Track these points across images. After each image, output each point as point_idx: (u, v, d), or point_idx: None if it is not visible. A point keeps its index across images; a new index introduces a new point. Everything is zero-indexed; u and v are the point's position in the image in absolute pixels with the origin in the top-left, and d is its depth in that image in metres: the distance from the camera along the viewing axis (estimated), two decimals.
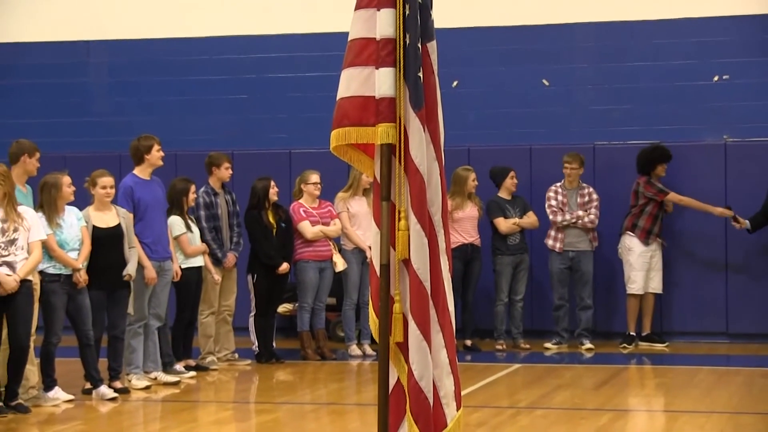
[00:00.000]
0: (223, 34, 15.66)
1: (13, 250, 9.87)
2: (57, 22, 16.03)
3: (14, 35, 16.14)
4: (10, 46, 16.15)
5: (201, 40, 15.73)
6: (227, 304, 12.81)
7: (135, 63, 15.91)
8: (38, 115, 15.71)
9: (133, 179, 11.56)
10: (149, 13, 15.84)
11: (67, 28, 16.02)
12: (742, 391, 11.17)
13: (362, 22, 5.07)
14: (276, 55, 15.51)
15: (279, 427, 9.89)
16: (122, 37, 15.94)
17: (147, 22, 15.84)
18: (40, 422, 9.89)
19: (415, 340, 4.98)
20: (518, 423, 9.61)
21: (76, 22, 16.01)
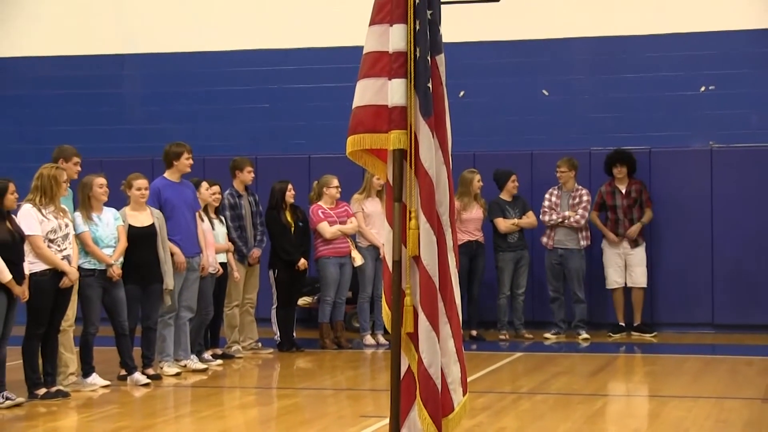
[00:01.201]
0: (246, 48, 15.67)
1: (66, 244, 10.03)
2: (94, 38, 16.05)
3: (56, 49, 16.17)
4: (53, 59, 16.18)
5: (226, 54, 15.75)
6: (250, 297, 12.84)
7: (166, 75, 15.93)
8: (78, 122, 15.74)
9: (162, 181, 11.60)
10: (179, 29, 15.86)
11: (103, 42, 16.04)
12: (726, 378, 11.14)
13: (376, 37, 5.07)
14: (295, 67, 15.52)
15: (299, 411, 9.89)
16: (154, 51, 15.97)
17: (177, 37, 15.86)
18: (79, 406, 9.91)
19: (424, 331, 4.98)
20: (520, 407, 9.61)
21: (112, 38, 16.04)
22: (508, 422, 8.85)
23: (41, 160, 10.58)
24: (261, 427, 9.36)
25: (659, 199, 14.00)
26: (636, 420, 9.54)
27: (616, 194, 13.85)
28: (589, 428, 8.66)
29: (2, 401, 9.59)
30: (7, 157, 14.47)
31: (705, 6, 14.49)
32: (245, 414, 9.91)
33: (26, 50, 16.27)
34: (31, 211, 9.91)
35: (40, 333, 9.99)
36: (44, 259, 9.85)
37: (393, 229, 5.06)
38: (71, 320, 10.54)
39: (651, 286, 14.01)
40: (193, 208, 11.70)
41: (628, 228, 13.79)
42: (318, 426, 8.95)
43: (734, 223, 14.06)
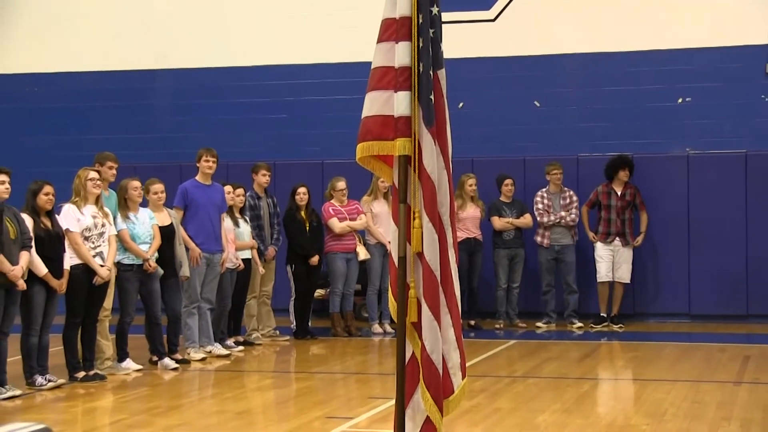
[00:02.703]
0: (266, 64, 15.68)
1: (101, 242, 10.05)
2: (129, 55, 16.08)
3: (94, 65, 16.20)
4: (92, 74, 16.20)
5: (247, 69, 15.75)
6: (266, 290, 12.85)
7: (193, 88, 15.94)
8: (113, 131, 15.76)
9: (191, 183, 11.63)
10: (204, 46, 15.87)
11: (137, 59, 16.06)
12: (702, 363, 11.13)
13: (383, 53, 5.06)
14: (310, 81, 15.53)
15: (313, 392, 9.88)
16: (182, 67, 15.98)
17: (202, 54, 15.87)
18: (114, 388, 9.92)
19: (427, 320, 4.97)
20: (514, 389, 9.59)
21: (144, 55, 16.05)
22: (503, 403, 8.84)
23: (80, 166, 10.59)
24: (279, 407, 9.35)
25: (644, 200, 13.97)
26: (620, 401, 9.53)
27: (612, 195, 13.81)
28: (578, 409, 8.64)
29: (45, 383, 9.62)
30: (50, 163, 14.49)
31: (682, 25, 14.49)
32: (264, 395, 9.92)
33: (68, 66, 16.29)
34: (70, 210, 9.96)
35: (77, 322, 10.02)
36: (79, 255, 9.88)
37: (398, 228, 5.05)
38: (108, 311, 10.56)
39: (634, 280, 13.99)
40: (220, 209, 11.70)
41: (619, 228, 13.75)
42: (330, 406, 8.94)
43: (709, 222, 14.05)
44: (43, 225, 9.58)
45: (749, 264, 13.95)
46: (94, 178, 10.12)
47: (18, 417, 8.54)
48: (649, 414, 8.33)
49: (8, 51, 16.56)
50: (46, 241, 9.56)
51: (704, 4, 14.46)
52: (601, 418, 8.40)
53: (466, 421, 7.96)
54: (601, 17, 14.74)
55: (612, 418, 8.43)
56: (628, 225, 13.82)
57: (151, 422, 8.28)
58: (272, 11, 15.70)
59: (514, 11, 15.00)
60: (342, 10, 15.30)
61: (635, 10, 14.64)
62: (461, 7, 14.62)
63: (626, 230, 13.80)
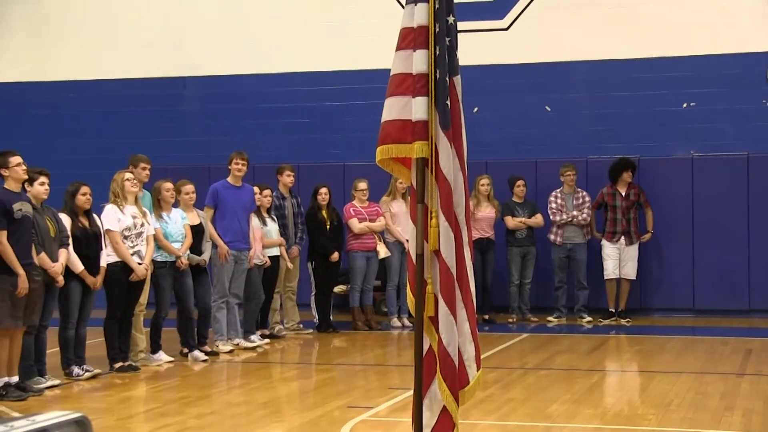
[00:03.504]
0: (290, 71, 15.71)
1: (139, 241, 10.09)
2: (160, 63, 16.13)
3: (127, 73, 16.26)
4: (126, 81, 16.26)
5: (272, 76, 15.78)
6: (291, 285, 12.87)
7: (221, 94, 15.98)
8: (146, 135, 15.81)
9: (222, 184, 11.67)
10: (231, 55, 15.91)
11: (168, 67, 16.12)
12: (705, 355, 11.09)
13: (402, 61, 5.06)
14: (332, 87, 15.54)
15: (335, 383, 9.89)
16: (210, 74, 16.03)
17: (229, 62, 15.92)
18: (148, 378, 9.96)
19: (443, 315, 4.96)
20: (526, 381, 9.58)
21: (175, 63, 16.11)
22: (516, 393, 8.82)
23: (115, 168, 10.64)
24: (302, 397, 9.36)
25: (649, 200, 13.92)
26: (627, 392, 9.50)
27: (617, 196, 13.77)
28: (587, 399, 8.62)
29: (82, 373, 9.65)
30: (88, 165, 14.54)
31: (686, 34, 14.44)
32: (289, 386, 9.92)
33: (103, 74, 16.36)
34: (111, 210, 10.02)
35: (116, 316, 10.06)
36: (118, 253, 9.93)
37: (416, 226, 5.04)
38: (143, 306, 10.60)
39: (640, 276, 13.95)
40: (248, 210, 11.72)
41: (625, 227, 13.71)
42: (351, 396, 8.94)
43: (712, 221, 14.01)
44: (80, 224, 9.63)
45: (751, 261, 13.90)
46: (130, 179, 10.16)
47: (56, 405, 8.57)
48: (655, 404, 8.30)
49: (47, 60, 16.64)
50: (83, 240, 9.60)
51: (708, 14, 14.42)
52: (610, 408, 8.38)
53: (481, 411, 7.95)
54: (608, 26, 14.70)
55: (620, 408, 8.40)
56: (633, 224, 13.77)
57: (182, 411, 8.30)
58: (295, 22, 15.72)
59: (526, 21, 14.99)
60: (362, 19, 15.31)
61: (641, 20, 14.61)
62: (476, 16, 14.62)
63: (631, 229, 13.76)
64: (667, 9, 14.57)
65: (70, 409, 2.28)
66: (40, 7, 16.72)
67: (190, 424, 7.75)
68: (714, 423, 7.58)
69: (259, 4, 15.88)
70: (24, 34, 16.73)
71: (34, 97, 16.59)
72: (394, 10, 14.07)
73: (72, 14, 16.53)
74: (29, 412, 2.23)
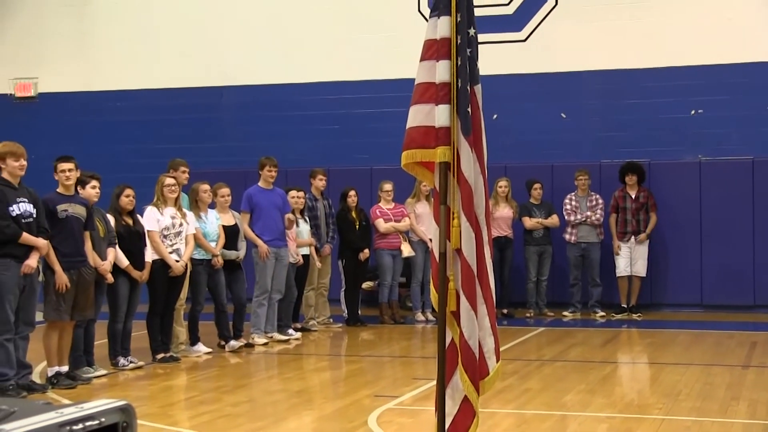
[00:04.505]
0: (321, 81, 15.73)
1: (178, 240, 10.13)
2: (198, 73, 16.20)
3: (169, 83, 16.33)
4: (168, 91, 16.34)
5: (304, 85, 15.81)
6: (324, 282, 12.88)
7: (256, 102, 16.03)
8: (186, 141, 15.86)
9: (255, 188, 11.69)
10: (266, 66, 15.95)
11: (206, 78, 16.19)
12: (712, 348, 11.02)
13: (425, 70, 5.04)
14: (359, 96, 15.56)
15: (363, 373, 9.89)
16: (246, 84, 16.08)
17: (264, 72, 15.96)
18: (187, 368, 10.00)
19: (465, 310, 4.95)
20: (543, 372, 9.55)
21: (212, 74, 16.18)
22: (533, 384, 8.80)
23: (158, 172, 10.70)
24: (333, 387, 9.38)
25: (658, 202, 13.86)
26: (639, 383, 9.46)
27: (627, 198, 13.74)
28: (601, 389, 8.58)
29: (127, 364, 9.71)
30: (133, 169, 14.60)
31: (694, 45, 14.35)
32: (320, 376, 9.94)
33: (146, 84, 16.44)
34: (152, 211, 10.08)
35: (158, 310, 10.11)
36: (157, 251, 9.98)
37: (439, 226, 5.03)
38: (182, 300, 10.65)
39: (651, 274, 13.89)
40: (282, 211, 11.74)
41: (635, 227, 13.67)
42: (378, 386, 8.94)
43: (719, 222, 13.93)
44: (124, 223, 9.71)
45: (755, 259, 13.81)
46: (170, 184, 10.21)
47: (103, 394, 8.62)
48: (665, 394, 8.26)
49: (95, 71, 16.74)
50: (127, 237, 9.67)
51: (715, 26, 14.33)
52: (622, 398, 8.34)
53: (500, 400, 7.93)
54: (620, 38, 14.64)
55: (631, 397, 8.37)
56: (643, 225, 13.73)
57: (220, 399, 8.33)
58: (326, 35, 15.74)
59: (542, 33, 14.95)
60: (388, 32, 15.31)
61: (651, 32, 14.54)
62: (496, 29, 14.60)
63: (641, 229, 13.71)
64: (676, 21, 14.49)
65: (115, 397, 2.29)
66: (86, 22, 16.82)
67: (227, 412, 7.77)
68: (721, 412, 7.54)
69: (291, 19, 15.90)
70: (72, 47, 16.84)
71: (82, 106, 16.69)
72: (418, 23, 14.07)
73: (117, 28, 16.62)
74: (78, 400, 2.24)
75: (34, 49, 16.90)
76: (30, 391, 8.42)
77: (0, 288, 8.19)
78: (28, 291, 8.40)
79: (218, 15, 16.26)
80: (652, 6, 14.59)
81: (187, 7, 16.39)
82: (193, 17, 16.36)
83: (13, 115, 16.80)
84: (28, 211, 8.33)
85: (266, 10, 16.01)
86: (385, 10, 15.46)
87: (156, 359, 10.06)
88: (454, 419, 4.98)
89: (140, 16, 16.56)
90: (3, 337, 8.24)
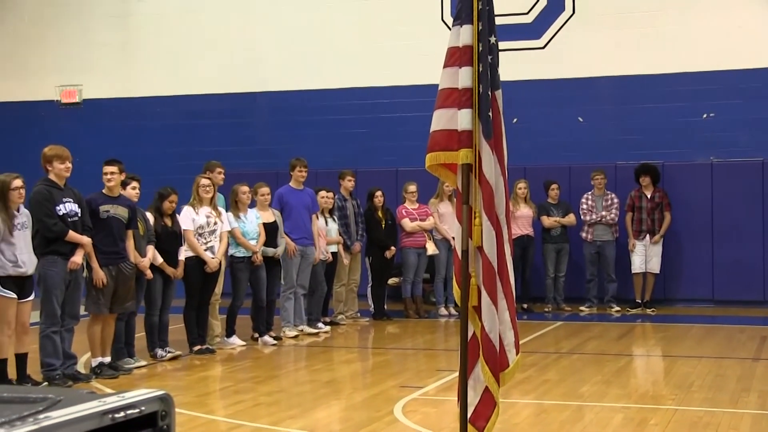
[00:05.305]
0: (348, 86, 15.73)
1: (212, 237, 10.16)
2: (234, 80, 16.25)
3: (205, 89, 16.40)
4: (204, 97, 16.40)
5: (333, 91, 15.82)
6: (354, 278, 12.88)
7: (287, 107, 16.06)
8: (222, 144, 15.93)
9: (286, 188, 11.72)
10: (297, 72, 15.98)
11: (241, 84, 16.24)
12: (724, 342, 10.94)
13: (448, 77, 5.04)
14: (386, 101, 15.55)
15: (389, 365, 9.89)
16: (278, 90, 16.11)
17: (295, 78, 15.98)
18: (223, 360, 10.03)
19: (486, 304, 4.94)
20: (560, 364, 9.52)
21: (246, 80, 16.22)
22: (551, 375, 8.77)
23: (194, 173, 10.74)
24: (362, 377, 9.38)
25: (671, 202, 13.77)
26: (653, 374, 9.41)
27: (642, 198, 13.68)
28: (616, 380, 8.54)
29: (165, 355, 9.75)
30: (173, 170, 14.67)
31: (706, 51, 14.26)
32: (348, 367, 9.95)
33: (184, 90, 16.51)
34: (188, 211, 10.11)
35: (194, 304, 10.14)
36: (192, 248, 10.02)
37: (461, 225, 5.03)
38: (218, 295, 10.68)
39: (664, 270, 13.81)
40: (311, 210, 11.76)
41: (650, 226, 13.61)
42: (404, 377, 8.94)
43: (730, 220, 13.85)
44: (163, 223, 9.76)
45: (765, 256, 13.73)
46: (206, 185, 10.25)
47: (143, 384, 8.67)
48: (678, 385, 8.21)
49: (136, 79, 16.83)
50: (164, 237, 9.74)
51: (725, 33, 14.22)
52: (636, 389, 8.30)
53: (520, 391, 7.91)
54: (634, 45, 14.56)
55: (646, 389, 8.32)
56: (657, 223, 13.65)
57: (254, 389, 8.35)
58: (353, 43, 15.75)
59: (560, 40, 14.90)
60: (413, 40, 15.29)
61: (664, 39, 14.45)
62: (515, 37, 14.55)
63: (656, 228, 13.64)
64: (688, 29, 14.40)
65: (154, 387, 2.30)
66: (128, 33, 16.93)
67: (260, 401, 7.79)
68: (732, 403, 7.48)
69: (321, 29, 15.93)
70: (115, 56, 16.95)
71: (124, 112, 16.79)
72: (442, 32, 14.05)
73: (157, 38, 16.71)
74: (120, 389, 2.25)
75: (80, 58, 17.02)
76: (75, 380, 8.48)
77: (47, 283, 8.28)
78: (73, 286, 8.47)
79: (252, 26, 16.30)
80: (665, 15, 14.51)
81: (223, 18, 16.44)
82: (228, 28, 16.40)
83: (59, 121, 16.93)
84: (74, 211, 8.40)
85: (297, 22, 16.04)
86: (411, 20, 15.45)
87: (193, 351, 10.10)
88: (475, 409, 4.97)
89: (179, 27, 16.64)
90: (50, 329, 8.32)
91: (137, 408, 2.09)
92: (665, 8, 14.53)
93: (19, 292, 8.09)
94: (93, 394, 2.15)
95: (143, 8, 16.80)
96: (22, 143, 16.25)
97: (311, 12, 16.01)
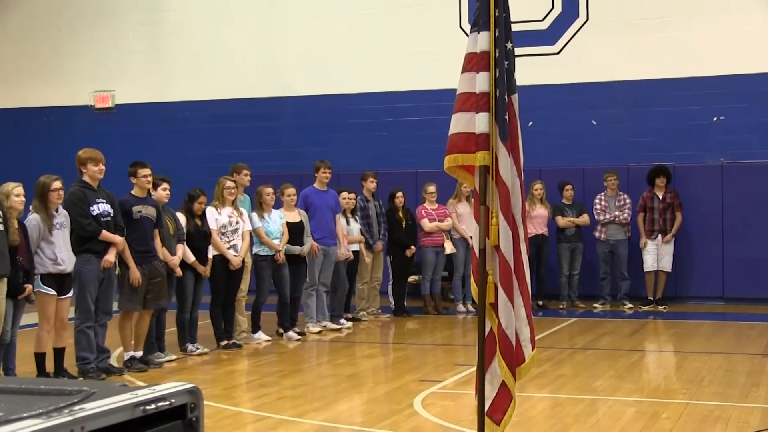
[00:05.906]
0: (369, 91, 15.74)
1: (234, 237, 10.18)
2: (259, 85, 16.29)
3: (233, 94, 16.45)
4: (231, 101, 16.45)
5: (357, 95, 15.83)
6: (377, 276, 12.88)
7: (310, 111, 16.08)
8: (248, 147, 15.95)
9: (310, 189, 11.74)
10: (321, 77, 15.99)
11: (267, 88, 16.27)
12: (734, 338, 10.87)
13: (466, 81, 5.03)
14: (406, 105, 15.55)
15: (409, 360, 9.89)
16: (303, 94, 16.13)
17: (319, 83, 16.00)
18: (249, 354, 10.05)
19: (502, 301, 4.93)
20: (575, 359, 9.49)
21: (272, 85, 16.26)
22: (566, 370, 8.74)
23: (222, 175, 10.76)
24: (383, 371, 9.38)
25: (682, 203, 13.70)
26: (664, 369, 9.35)
27: (655, 199, 13.62)
28: (629, 375, 8.50)
29: (194, 350, 9.79)
30: (200, 172, 14.72)
31: (715, 56, 14.17)
32: (370, 361, 9.95)
33: (212, 95, 16.57)
34: (210, 211, 10.14)
35: (219, 301, 10.17)
36: (216, 247, 10.04)
37: (479, 225, 5.01)
38: (244, 292, 10.70)
39: (675, 268, 13.73)
40: (334, 210, 11.77)
41: (662, 225, 13.54)
42: (423, 371, 8.93)
43: (739, 220, 13.77)
44: (194, 223, 9.80)
45: None
46: (230, 187, 10.28)
47: (173, 377, 8.71)
48: (689, 380, 8.16)
49: (167, 84, 16.90)
50: (195, 236, 9.78)
51: (735, 39, 14.14)
52: (649, 383, 8.26)
53: (535, 385, 7.89)
54: (646, 50, 14.49)
55: (657, 383, 8.28)
56: (669, 223, 13.59)
57: (278, 382, 8.37)
58: (375, 49, 15.75)
59: (575, 46, 14.85)
60: (432, 46, 15.28)
61: (675, 44, 14.38)
62: (531, 43, 14.50)
63: (667, 228, 13.58)
64: (698, 35, 14.31)
65: (184, 380, 2.31)
66: (159, 40, 17.01)
67: (285, 394, 7.81)
68: (741, 397, 7.43)
69: (343, 36, 15.94)
70: (146, 62, 17.03)
71: (155, 116, 16.87)
72: (460, 38, 14.03)
73: (186, 45, 16.78)
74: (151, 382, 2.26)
75: (112, 65, 17.11)
76: (108, 373, 8.53)
77: (81, 280, 8.33)
78: (106, 283, 8.53)
79: (276, 33, 16.33)
80: (676, 21, 14.43)
81: (249, 26, 16.48)
82: (254, 35, 16.45)
83: (92, 125, 17.03)
84: (107, 211, 8.46)
85: (321, 29, 16.05)
86: (430, 27, 15.44)
87: (220, 346, 10.13)
88: (492, 402, 4.96)
89: (207, 34, 16.69)
90: (84, 324, 8.38)
91: (167, 400, 2.10)
92: (676, 15, 14.45)
93: (59, 289, 8.19)
94: (125, 387, 2.16)
95: (172, 17, 16.86)
96: (59, 147, 16.34)
97: (333, 20, 16.03)
